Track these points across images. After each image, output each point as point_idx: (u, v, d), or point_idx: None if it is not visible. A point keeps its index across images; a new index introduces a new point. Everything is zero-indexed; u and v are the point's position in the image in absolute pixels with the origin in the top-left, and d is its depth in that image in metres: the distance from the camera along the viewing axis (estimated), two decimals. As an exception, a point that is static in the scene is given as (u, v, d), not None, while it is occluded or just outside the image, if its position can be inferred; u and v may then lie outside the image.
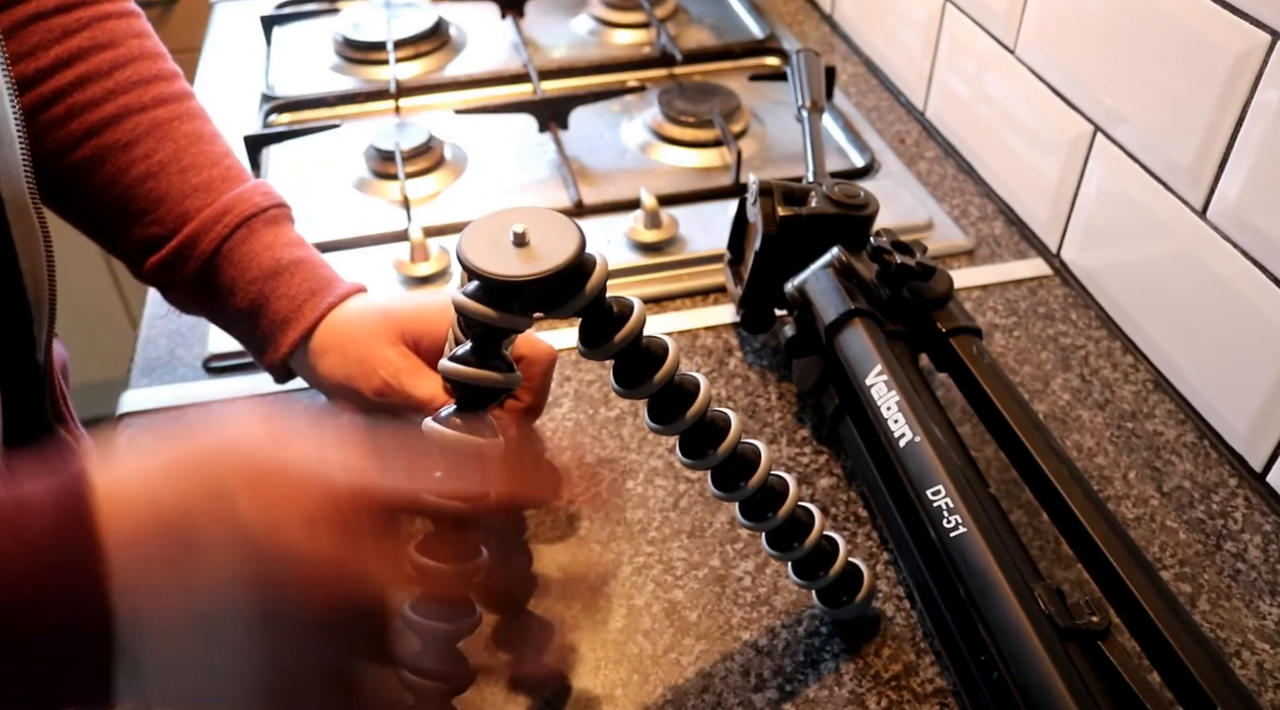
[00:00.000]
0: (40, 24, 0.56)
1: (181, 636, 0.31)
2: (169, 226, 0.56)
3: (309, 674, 0.34)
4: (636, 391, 0.42)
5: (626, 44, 1.04)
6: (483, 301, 0.38)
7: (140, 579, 0.31)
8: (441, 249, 0.74)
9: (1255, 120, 0.55)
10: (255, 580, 0.32)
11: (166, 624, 0.31)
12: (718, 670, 0.50)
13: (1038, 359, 0.68)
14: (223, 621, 0.32)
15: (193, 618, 0.31)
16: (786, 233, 0.61)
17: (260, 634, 0.32)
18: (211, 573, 0.31)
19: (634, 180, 0.83)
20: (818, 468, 0.60)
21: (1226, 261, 0.59)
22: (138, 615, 0.31)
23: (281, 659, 0.33)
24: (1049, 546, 0.55)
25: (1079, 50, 0.69)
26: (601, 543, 0.56)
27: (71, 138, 0.56)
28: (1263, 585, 0.54)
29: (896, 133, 0.90)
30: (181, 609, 0.31)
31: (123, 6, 0.60)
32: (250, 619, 0.32)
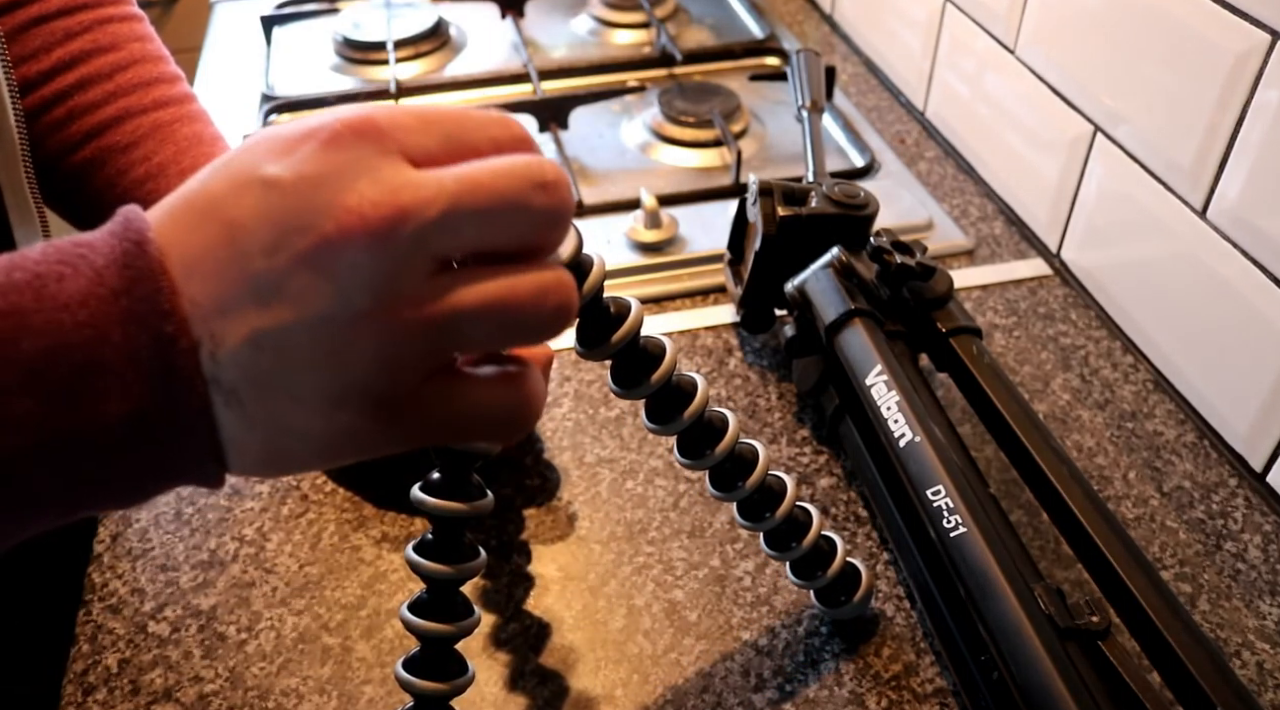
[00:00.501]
0: (43, 27, 0.56)
1: (256, 340, 0.28)
2: None
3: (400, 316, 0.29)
4: (634, 392, 0.42)
5: (626, 44, 1.04)
6: None
7: (197, 272, 0.28)
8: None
9: (1255, 120, 0.55)
10: (292, 224, 0.28)
11: (236, 321, 0.28)
12: (718, 670, 0.50)
13: (1038, 359, 0.68)
14: (285, 290, 0.28)
15: (256, 297, 0.28)
16: (786, 233, 0.61)
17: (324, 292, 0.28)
18: (253, 236, 0.28)
19: (634, 180, 0.83)
20: (818, 468, 0.60)
21: (1226, 261, 0.59)
22: (207, 319, 0.28)
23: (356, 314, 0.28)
24: (1049, 546, 0.55)
25: (1079, 50, 0.69)
26: (601, 543, 0.56)
27: (72, 140, 0.56)
28: (1263, 585, 0.54)
29: (896, 133, 0.90)
30: (243, 293, 0.28)
31: (125, 10, 0.60)
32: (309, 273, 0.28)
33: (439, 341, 0.30)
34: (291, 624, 0.52)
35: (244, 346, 0.28)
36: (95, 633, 0.52)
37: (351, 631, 0.52)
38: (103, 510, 0.35)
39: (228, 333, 0.28)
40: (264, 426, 0.29)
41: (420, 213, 0.28)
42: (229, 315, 0.28)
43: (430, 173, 0.29)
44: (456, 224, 0.29)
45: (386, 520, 0.57)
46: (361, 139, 0.29)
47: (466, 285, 0.30)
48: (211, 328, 0.28)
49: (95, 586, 0.54)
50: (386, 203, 0.28)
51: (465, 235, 0.29)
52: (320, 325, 0.28)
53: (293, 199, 0.28)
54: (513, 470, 0.60)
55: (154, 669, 0.50)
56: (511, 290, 0.30)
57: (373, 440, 0.31)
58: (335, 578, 0.54)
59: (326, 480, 0.59)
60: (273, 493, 0.58)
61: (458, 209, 0.29)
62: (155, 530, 0.56)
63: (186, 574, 0.54)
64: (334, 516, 0.57)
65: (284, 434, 0.30)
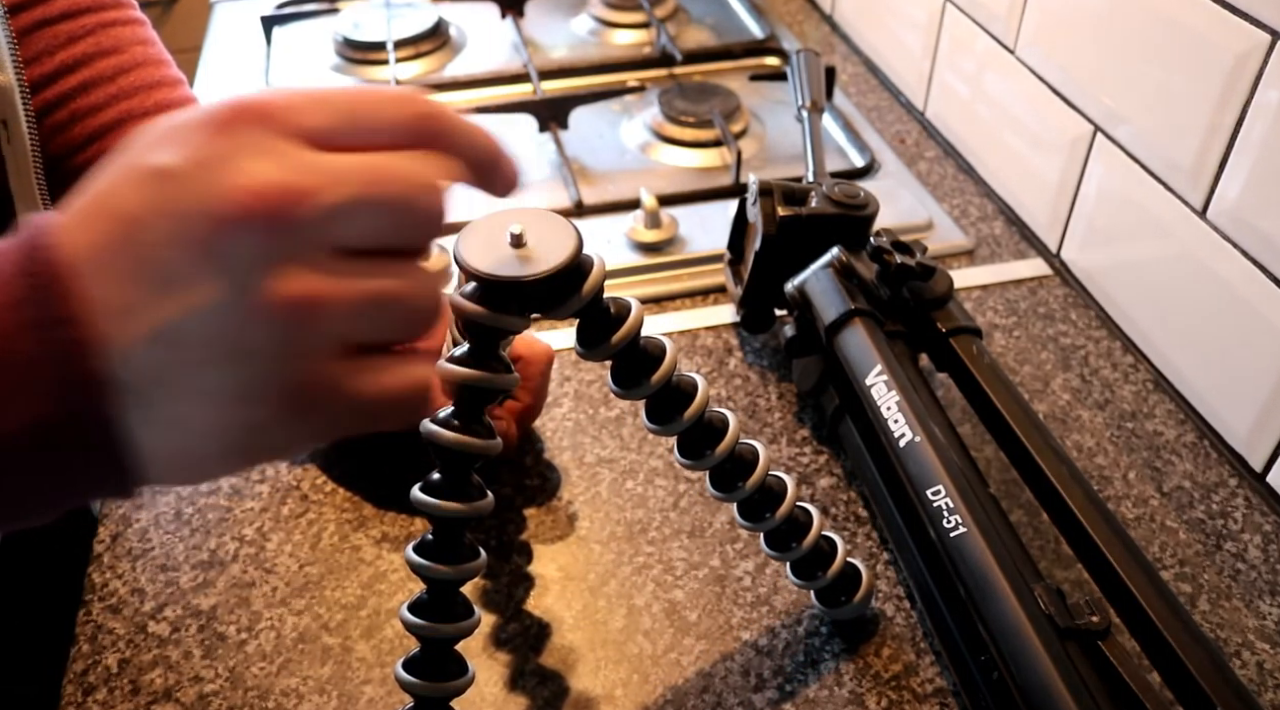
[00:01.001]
0: (46, 30, 0.56)
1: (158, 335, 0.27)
2: None
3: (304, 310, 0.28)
4: (634, 392, 0.42)
5: (626, 44, 1.04)
6: (480, 302, 0.38)
7: (100, 271, 0.27)
8: (440, 248, 0.74)
9: (1255, 120, 0.55)
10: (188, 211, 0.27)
11: (138, 317, 0.27)
12: (718, 670, 0.50)
13: (1038, 359, 0.68)
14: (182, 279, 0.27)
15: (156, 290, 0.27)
16: (786, 233, 0.61)
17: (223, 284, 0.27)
18: (151, 228, 0.28)
19: (634, 180, 0.83)
20: (818, 468, 0.60)
21: (1226, 261, 0.59)
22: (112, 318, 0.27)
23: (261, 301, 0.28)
24: (1049, 546, 0.55)
25: (1079, 50, 0.69)
26: (601, 543, 0.56)
27: (74, 142, 0.56)
28: (1263, 585, 0.54)
29: (896, 133, 0.90)
30: (143, 288, 0.27)
31: (128, 14, 0.61)
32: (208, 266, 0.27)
33: (339, 327, 0.29)
34: (291, 624, 0.52)
35: (146, 343, 0.27)
36: (95, 633, 0.52)
37: (351, 631, 0.52)
38: (12, 525, 0.35)
39: (129, 330, 0.27)
40: (172, 427, 0.29)
41: (317, 196, 0.28)
42: (132, 312, 0.27)
43: (329, 158, 0.29)
44: (353, 213, 0.29)
45: (386, 520, 0.57)
46: (254, 121, 0.29)
47: (363, 275, 0.29)
48: (117, 326, 0.27)
49: (95, 586, 0.54)
50: (282, 183, 0.28)
51: (360, 226, 0.29)
52: (217, 313, 0.28)
53: (186, 185, 0.28)
54: (513, 470, 0.60)
55: (154, 669, 0.50)
56: (403, 285, 0.30)
57: (285, 435, 0.30)
58: (335, 578, 0.54)
59: (326, 480, 0.59)
60: (273, 493, 0.58)
61: (356, 198, 0.28)
62: (155, 530, 0.56)
63: (186, 574, 0.54)
64: (334, 516, 0.57)
65: (193, 435, 0.29)
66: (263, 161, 0.28)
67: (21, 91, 0.49)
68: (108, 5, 0.59)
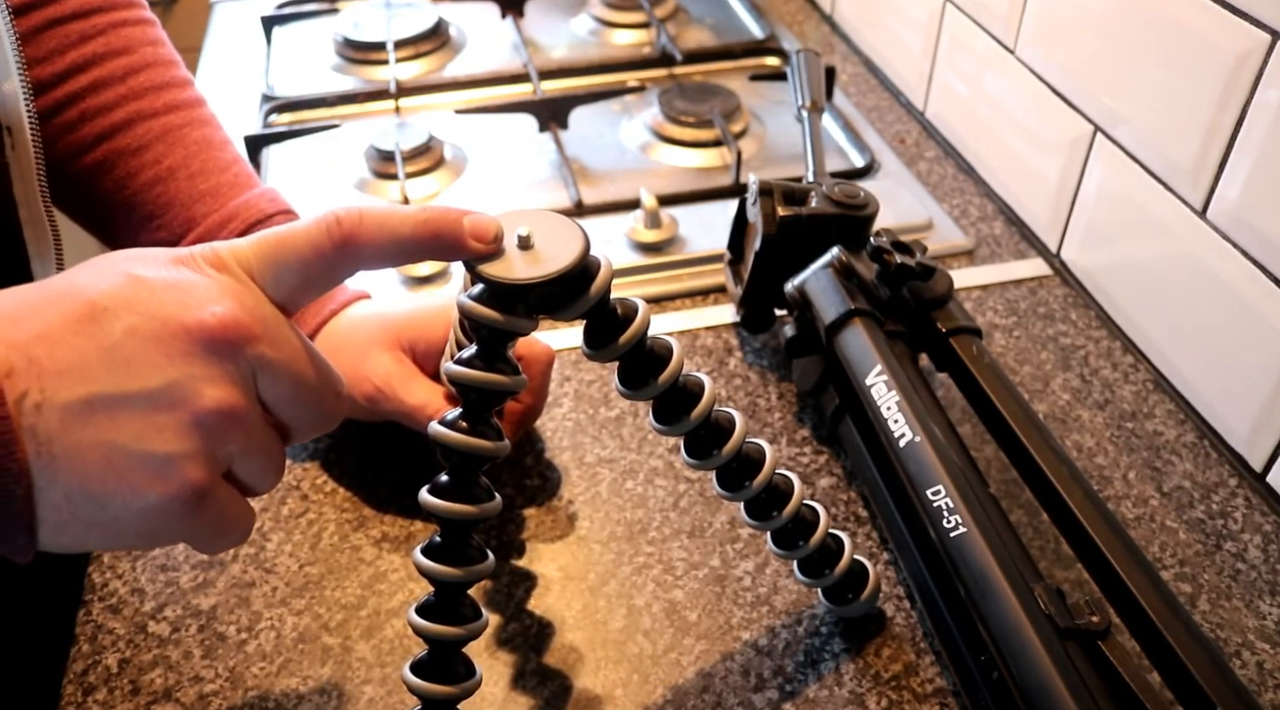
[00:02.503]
0: (57, 29, 0.57)
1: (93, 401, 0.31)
2: (175, 231, 0.57)
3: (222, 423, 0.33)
4: (641, 393, 0.42)
5: (626, 44, 1.04)
6: (487, 304, 0.38)
7: (47, 338, 0.31)
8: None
9: (1255, 120, 0.55)
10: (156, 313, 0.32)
11: (76, 381, 0.31)
12: (718, 670, 0.50)
13: (1038, 359, 0.68)
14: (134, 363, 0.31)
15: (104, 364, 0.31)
16: (786, 233, 0.61)
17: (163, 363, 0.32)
18: (116, 317, 0.32)
19: (634, 180, 0.83)
20: (818, 468, 0.60)
21: (1226, 261, 0.59)
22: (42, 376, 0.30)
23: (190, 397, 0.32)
24: (1049, 546, 0.55)
25: (1079, 50, 0.69)
26: (601, 543, 0.56)
27: (83, 142, 0.56)
28: (1263, 585, 0.54)
29: (896, 133, 0.90)
30: (92, 360, 0.31)
31: (138, 14, 0.61)
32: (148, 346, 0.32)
33: (237, 446, 0.34)
34: (291, 624, 0.52)
35: (76, 404, 0.31)
36: (95, 633, 0.52)
37: (351, 631, 0.52)
38: None
39: (62, 390, 0.30)
40: (65, 484, 0.31)
41: (265, 345, 0.34)
42: (69, 376, 0.31)
43: (285, 326, 0.35)
44: (280, 375, 0.34)
45: (386, 520, 0.57)
46: (224, 270, 0.34)
47: (265, 422, 0.35)
48: (45, 384, 0.30)
49: (95, 586, 0.54)
50: (241, 321, 0.33)
51: (280, 389, 0.35)
52: (151, 401, 0.31)
53: (159, 293, 0.32)
54: (513, 470, 0.60)
55: (154, 669, 0.50)
56: (276, 453, 0.36)
57: (167, 526, 0.33)
58: (335, 578, 0.54)
59: (327, 480, 0.59)
60: (273, 493, 0.58)
61: (288, 367, 0.34)
62: (155, 530, 0.56)
63: (186, 574, 0.54)
64: (334, 516, 0.57)
65: (83, 498, 0.31)
66: (233, 301, 0.33)
67: (26, 98, 0.49)
68: (119, 5, 0.59)
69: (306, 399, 0.35)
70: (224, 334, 0.32)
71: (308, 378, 0.35)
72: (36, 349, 0.30)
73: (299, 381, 0.35)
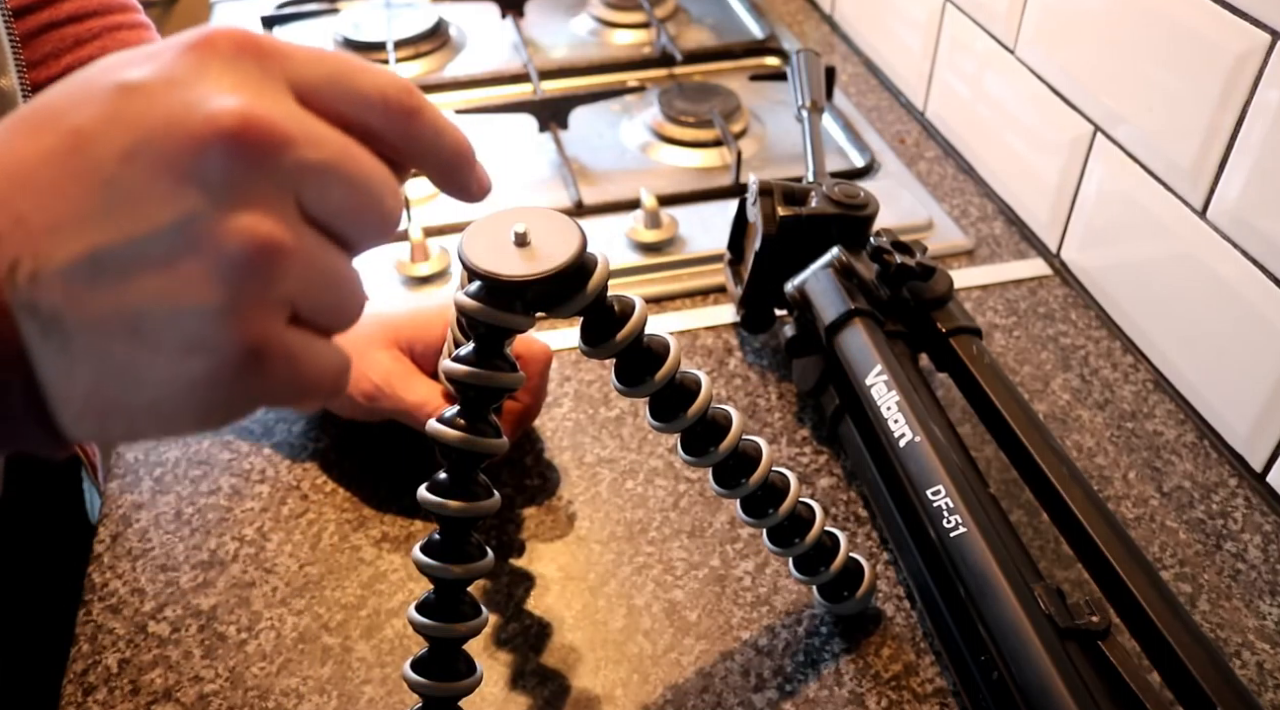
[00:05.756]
0: (53, 33, 0.57)
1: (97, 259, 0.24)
2: None
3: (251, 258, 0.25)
4: (638, 390, 0.42)
5: (626, 44, 1.04)
6: (484, 302, 0.38)
7: (29, 185, 0.24)
8: (442, 249, 0.74)
9: (1255, 120, 0.55)
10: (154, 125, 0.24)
11: (72, 237, 0.24)
12: (718, 670, 0.50)
13: (1038, 359, 0.68)
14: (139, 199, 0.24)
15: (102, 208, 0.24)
16: (786, 233, 0.61)
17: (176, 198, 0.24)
18: (104, 142, 0.24)
19: (634, 180, 0.83)
20: (818, 468, 0.60)
21: (1226, 261, 0.59)
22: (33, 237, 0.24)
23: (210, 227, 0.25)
24: (1049, 546, 0.55)
25: (1079, 50, 0.69)
26: (601, 543, 0.56)
27: None
28: (1263, 585, 0.54)
29: (896, 133, 0.90)
30: (85, 206, 0.24)
31: (133, 18, 0.61)
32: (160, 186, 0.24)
33: (292, 287, 0.26)
34: (291, 624, 0.52)
35: (78, 265, 0.24)
36: (95, 633, 0.52)
37: (351, 631, 0.52)
38: None
39: (58, 250, 0.24)
40: (91, 364, 0.25)
41: (303, 148, 0.25)
42: (62, 231, 0.24)
43: (312, 116, 0.26)
44: (325, 178, 0.26)
45: (386, 520, 0.57)
46: (243, 52, 0.26)
47: (321, 246, 0.27)
48: (37, 246, 0.24)
49: (95, 586, 0.54)
50: (266, 118, 0.25)
51: (328, 196, 0.27)
52: (169, 241, 0.24)
53: (155, 100, 0.25)
54: (513, 470, 0.60)
55: (154, 669, 0.50)
56: (347, 273, 0.28)
57: (223, 397, 0.26)
58: (335, 578, 0.54)
59: (327, 480, 0.59)
60: (273, 493, 0.58)
61: (334, 165, 0.26)
62: (155, 530, 0.56)
63: (186, 574, 0.54)
64: (334, 516, 0.57)
65: (116, 378, 0.25)
66: (248, 90, 0.25)
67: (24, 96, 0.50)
68: (114, 9, 0.60)
69: (367, 203, 0.27)
70: (247, 136, 0.24)
71: (364, 175, 0.27)
72: (19, 203, 0.24)
73: (354, 183, 0.27)
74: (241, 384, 0.26)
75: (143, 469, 0.60)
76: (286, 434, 0.62)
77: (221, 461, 0.60)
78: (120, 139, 0.24)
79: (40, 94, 0.26)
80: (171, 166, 0.24)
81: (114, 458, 0.61)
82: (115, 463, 0.60)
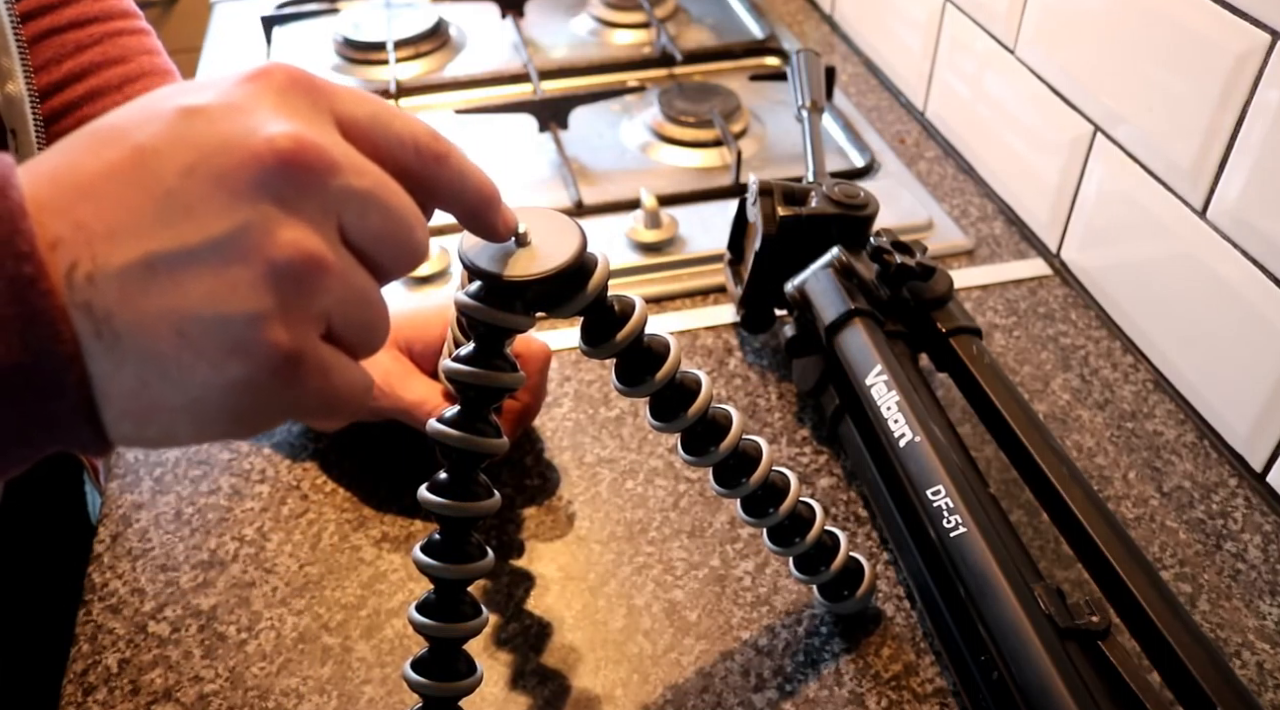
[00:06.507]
0: (54, 38, 0.57)
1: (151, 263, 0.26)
2: None
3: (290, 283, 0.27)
4: (638, 390, 0.42)
5: (626, 44, 1.04)
6: (485, 302, 0.38)
7: (91, 194, 0.26)
8: (442, 249, 0.74)
9: (1255, 120, 0.55)
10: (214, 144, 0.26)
11: (130, 242, 0.26)
12: (718, 670, 0.50)
13: (1038, 359, 0.68)
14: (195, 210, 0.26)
15: (160, 217, 0.26)
16: (786, 233, 0.61)
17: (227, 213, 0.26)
18: (166, 158, 0.26)
19: (634, 180, 0.83)
20: (818, 468, 0.60)
21: (1226, 261, 0.59)
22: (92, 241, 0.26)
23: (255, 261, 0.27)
24: (1049, 546, 0.55)
25: (1079, 50, 0.69)
26: (601, 543, 0.56)
27: (57, 109, 0.57)
28: (1263, 585, 0.54)
29: (896, 133, 0.90)
30: (144, 214, 0.26)
31: (134, 24, 0.61)
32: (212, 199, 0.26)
33: (330, 302, 0.28)
34: (291, 624, 0.52)
35: (133, 268, 0.26)
36: (95, 633, 0.52)
37: (351, 631, 0.52)
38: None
39: (115, 253, 0.26)
40: (136, 363, 0.26)
41: (348, 175, 0.28)
42: (120, 236, 0.26)
43: (359, 152, 0.29)
44: (366, 205, 0.29)
45: (386, 520, 0.57)
46: (295, 86, 0.29)
47: (357, 267, 0.29)
48: (95, 250, 0.26)
49: (95, 586, 0.54)
50: (317, 145, 0.27)
51: (366, 222, 0.29)
52: (221, 252, 0.26)
53: (216, 123, 0.27)
54: (513, 470, 0.60)
55: (154, 669, 0.50)
56: (378, 301, 0.30)
57: (258, 402, 0.28)
58: (335, 578, 0.54)
59: (327, 480, 0.59)
60: (273, 493, 0.58)
61: (374, 193, 0.29)
62: (155, 530, 0.56)
63: (186, 574, 0.54)
64: (334, 516, 0.57)
65: (159, 378, 0.26)
66: (300, 119, 0.28)
67: (31, 101, 0.50)
68: (115, 15, 0.60)
69: (401, 232, 0.30)
70: (301, 159, 0.27)
71: (399, 207, 0.30)
72: (81, 210, 0.26)
73: (390, 213, 0.29)
74: (276, 391, 0.28)
75: (143, 469, 0.60)
76: (286, 434, 0.62)
77: (221, 461, 0.60)
78: (182, 156, 0.26)
79: (106, 116, 0.28)
80: (228, 181, 0.26)
81: (114, 458, 0.61)
82: (115, 463, 0.60)
